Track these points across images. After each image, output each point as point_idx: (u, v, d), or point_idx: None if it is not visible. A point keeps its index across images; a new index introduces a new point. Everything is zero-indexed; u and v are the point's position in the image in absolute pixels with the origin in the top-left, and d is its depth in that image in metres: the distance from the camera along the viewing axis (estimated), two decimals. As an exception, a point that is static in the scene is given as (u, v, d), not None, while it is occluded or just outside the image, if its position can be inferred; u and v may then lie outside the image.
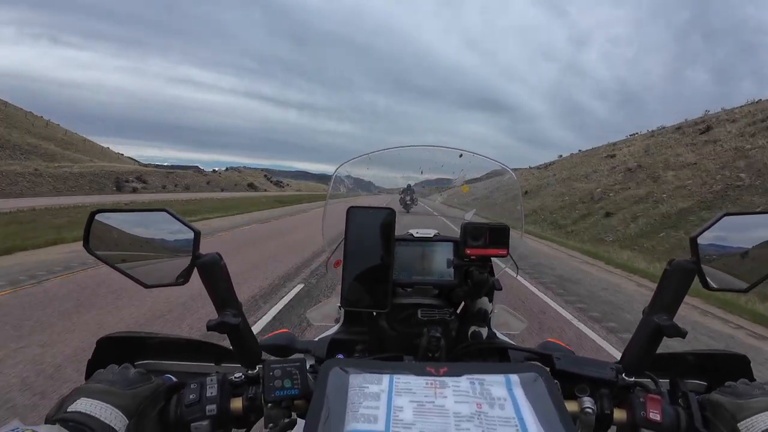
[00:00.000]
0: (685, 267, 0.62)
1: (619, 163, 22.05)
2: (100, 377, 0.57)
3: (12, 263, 6.86)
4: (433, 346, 0.70)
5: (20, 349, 3.53)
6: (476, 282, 0.83)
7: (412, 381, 0.48)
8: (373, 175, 1.10)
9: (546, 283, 7.02)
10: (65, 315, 4.43)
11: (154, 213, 0.62)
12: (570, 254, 11.12)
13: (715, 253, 0.65)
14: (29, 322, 4.18)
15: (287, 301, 5.22)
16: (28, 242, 8.46)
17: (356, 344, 0.90)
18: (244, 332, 0.62)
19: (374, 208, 0.80)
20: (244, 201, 28.93)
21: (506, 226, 0.82)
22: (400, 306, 0.89)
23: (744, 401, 0.55)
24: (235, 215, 18.21)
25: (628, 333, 4.56)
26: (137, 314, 4.53)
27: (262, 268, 7.12)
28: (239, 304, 0.63)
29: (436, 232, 0.95)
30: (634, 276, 8.37)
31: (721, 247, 0.66)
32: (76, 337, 3.84)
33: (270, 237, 11.47)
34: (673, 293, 0.62)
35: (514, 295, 5.95)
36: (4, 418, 2.48)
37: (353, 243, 0.78)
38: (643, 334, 0.63)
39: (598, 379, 0.64)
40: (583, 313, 5.42)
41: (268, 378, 0.60)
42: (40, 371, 3.14)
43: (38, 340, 3.72)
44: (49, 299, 4.95)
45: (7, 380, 2.99)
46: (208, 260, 0.60)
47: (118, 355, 0.70)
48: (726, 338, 4.86)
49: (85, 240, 0.60)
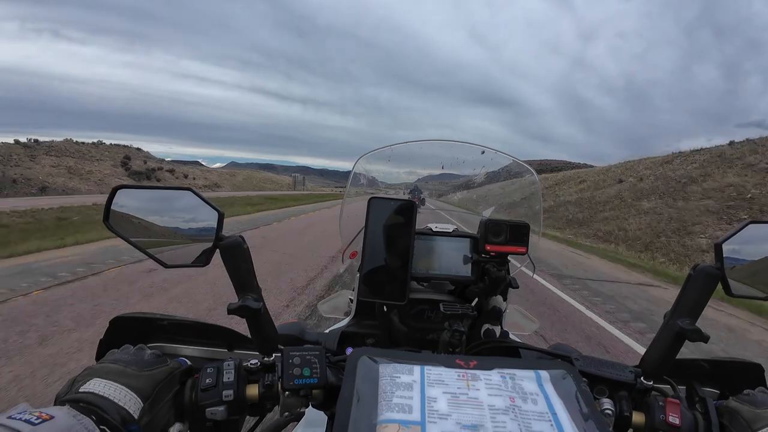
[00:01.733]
0: (709, 272, 0.62)
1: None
2: (115, 357, 0.56)
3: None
4: (456, 340, 0.69)
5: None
6: (493, 279, 0.82)
7: (444, 372, 0.47)
8: (383, 172, 1.09)
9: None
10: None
11: (177, 191, 0.61)
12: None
13: (739, 260, 0.65)
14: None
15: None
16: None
17: (367, 338, 0.89)
18: (264, 318, 0.61)
19: (395, 199, 0.79)
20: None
21: (526, 224, 0.82)
22: (413, 301, 0.88)
23: (762, 410, 0.55)
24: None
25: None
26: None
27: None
28: (260, 289, 0.61)
29: (455, 227, 0.95)
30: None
31: (745, 255, 0.66)
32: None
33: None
34: (696, 298, 0.62)
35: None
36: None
37: (373, 234, 0.77)
38: (664, 339, 0.63)
39: (618, 381, 0.64)
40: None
41: (288, 366, 0.59)
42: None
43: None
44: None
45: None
46: (231, 242, 0.59)
47: (132, 336, 0.68)
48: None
49: (106, 215, 0.59)
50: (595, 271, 8.97)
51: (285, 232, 12.23)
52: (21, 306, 4.52)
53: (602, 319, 5.23)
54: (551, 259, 9.78)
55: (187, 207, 0.60)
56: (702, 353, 0.62)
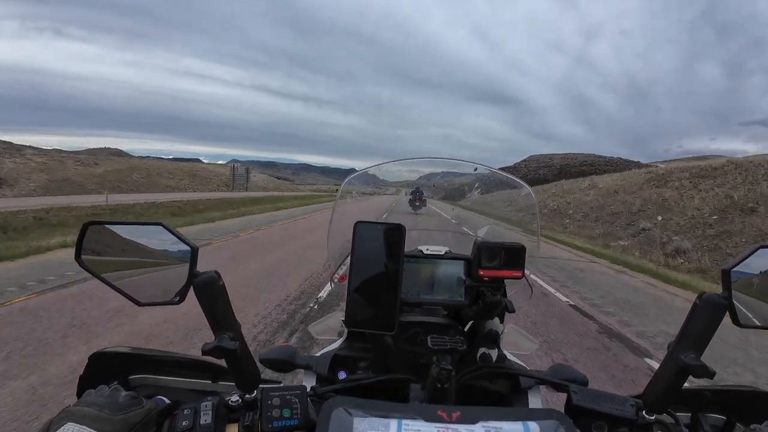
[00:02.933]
0: (716, 302, 0.58)
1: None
2: (90, 399, 0.54)
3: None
4: (444, 377, 0.66)
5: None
6: (488, 304, 0.78)
7: (423, 428, 0.44)
8: (384, 170, 1.06)
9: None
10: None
11: (149, 226, 0.58)
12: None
13: (748, 287, 0.61)
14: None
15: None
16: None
17: (359, 361, 0.86)
18: (242, 356, 0.58)
19: (382, 224, 0.76)
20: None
21: (522, 247, 0.78)
22: (406, 324, 0.85)
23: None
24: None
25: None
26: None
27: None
28: (238, 325, 0.59)
29: (447, 249, 0.91)
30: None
31: (756, 281, 0.61)
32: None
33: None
34: (702, 330, 0.58)
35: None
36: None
37: (360, 260, 0.74)
38: (667, 372, 0.60)
39: (617, 417, 0.61)
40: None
41: (266, 407, 0.56)
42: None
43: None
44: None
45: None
46: (205, 279, 0.56)
47: (112, 372, 0.67)
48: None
49: (77, 252, 0.57)
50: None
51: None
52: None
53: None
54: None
55: (159, 242, 0.57)
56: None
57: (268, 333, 4.10)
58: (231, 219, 16.11)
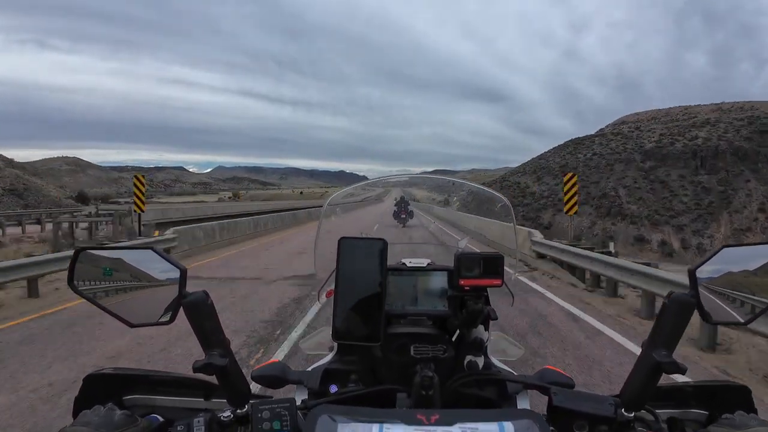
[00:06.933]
0: (683, 301, 0.61)
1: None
2: (86, 419, 0.56)
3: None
4: (427, 384, 0.68)
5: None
6: (471, 312, 0.81)
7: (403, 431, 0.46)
8: (368, 171, 1.10)
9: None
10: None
11: (139, 251, 0.61)
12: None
13: (714, 285, 0.64)
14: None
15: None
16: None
17: (350, 374, 0.88)
18: (232, 372, 0.60)
19: (366, 239, 0.78)
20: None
21: (500, 255, 0.81)
22: (393, 335, 0.87)
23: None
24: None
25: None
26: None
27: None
28: (227, 341, 0.61)
29: (429, 261, 0.94)
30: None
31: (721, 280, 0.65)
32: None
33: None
34: (672, 328, 0.61)
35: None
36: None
37: (345, 274, 0.77)
38: (642, 370, 0.62)
39: (596, 415, 0.63)
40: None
41: (257, 420, 0.58)
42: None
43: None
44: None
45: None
46: (195, 299, 0.58)
47: (106, 392, 0.68)
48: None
49: (70, 277, 0.59)
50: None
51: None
52: None
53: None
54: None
55: (149, 265, 0.60)
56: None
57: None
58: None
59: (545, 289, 6.76)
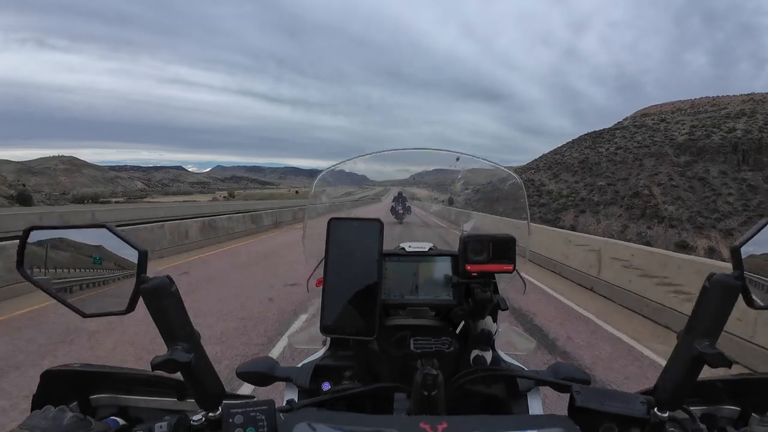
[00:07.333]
0: (727, 283, 0.52)
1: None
2: (32, 423, 0.49)
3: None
4: (429, 383, 0.59)
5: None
6: (478, 301, 0.72)
7: None
8: (366, 169, 1.02)
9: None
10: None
11: (94, 230, 0.54)
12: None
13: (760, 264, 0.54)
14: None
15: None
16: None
17: (344, 371, 0.80)
18: (201, 369, 0.52)
19: (359, 220, 0.71)
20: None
21: (512, 238, 0.71)
22: (391, 328, 0.79)
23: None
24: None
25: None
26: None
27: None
28: (196, 335, 0.53)
29: (431, 245, 0.85)
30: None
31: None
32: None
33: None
34: (715, 314, 0.52)
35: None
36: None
37: (335, 260, 0.69)
38: (680, 363, 0.53)
39: (627, 416, 0.53)
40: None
41: (228, 425, 0.50)
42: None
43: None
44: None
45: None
46: (155, 285, 0.51)
47: (70, 390, 0.62)
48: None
49: (19, 261, 0.52)
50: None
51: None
52: None
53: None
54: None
55: (104, 246, 0.53)
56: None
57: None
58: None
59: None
